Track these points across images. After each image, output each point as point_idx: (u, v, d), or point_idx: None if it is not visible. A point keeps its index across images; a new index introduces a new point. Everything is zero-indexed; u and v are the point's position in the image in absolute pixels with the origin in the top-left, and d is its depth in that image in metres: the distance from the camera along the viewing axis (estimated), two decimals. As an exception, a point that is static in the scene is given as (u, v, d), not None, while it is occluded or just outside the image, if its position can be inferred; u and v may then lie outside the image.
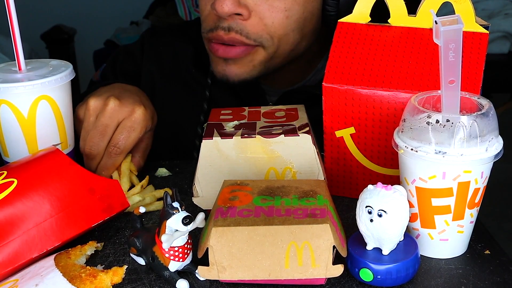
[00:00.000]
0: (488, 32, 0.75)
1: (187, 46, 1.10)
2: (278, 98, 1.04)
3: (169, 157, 0.97)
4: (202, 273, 0.62)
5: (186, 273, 0.65)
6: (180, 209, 0.61)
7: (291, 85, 1.07)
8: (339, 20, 0.80)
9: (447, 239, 0.67)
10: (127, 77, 1.11)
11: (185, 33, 1.14)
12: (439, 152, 0.62)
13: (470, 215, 0.66)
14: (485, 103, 0.65)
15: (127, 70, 1.12)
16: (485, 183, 0.66)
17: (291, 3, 0.92)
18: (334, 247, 0.60)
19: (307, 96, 0.96)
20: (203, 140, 0.74)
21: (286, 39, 0.94)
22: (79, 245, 0.68)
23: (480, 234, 0.71)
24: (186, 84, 1.09)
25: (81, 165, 0.72)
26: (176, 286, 0.63)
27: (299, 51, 0.99)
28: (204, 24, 0.97)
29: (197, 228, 0.62)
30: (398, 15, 0.78)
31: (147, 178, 0.84)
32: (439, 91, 0.65)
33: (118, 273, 0.64)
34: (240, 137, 0.74)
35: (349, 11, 0.88)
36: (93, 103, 0.85)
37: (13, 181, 0.67)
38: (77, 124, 0.87)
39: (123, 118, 0.84)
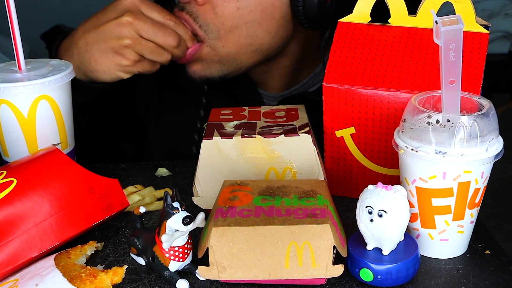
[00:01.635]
0: (488, 32, 0.75)
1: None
2: (277, 103, 1.04)
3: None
4: (202, 273, 0.62)
5: (186, 273, 0.65)
6: (180, 209, 0.61)
7: (288, 88, 1.06)
8: (339, 20, 0.80)
9: (447, 239, 0.67)
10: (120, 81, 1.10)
11: None
12: (440, 152, 0.62)
13: (470, 215, 0.66)
14: (486, 103, 0.65)
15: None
16: (486, 183, 0.66)
17: None
18: (334, 247, 0.60)
19: (306, 102, 0.96)
20: (203, 140, 0.74)
21: (238, 31, 0.93)
22: (79, 245, 0.68)
23: (480, 234, 0.71)
24: (182, 91, 1.08)
25: (81, 164, 0.72)
26: (176, 286, 0.63)
27: (270, 48, 0.97)
28: None
29: (197, 228, 0.62)
30: (399, 15, 0.78)
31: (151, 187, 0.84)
32: (440, 91, 0.65)
33: (118, 273, 0.64)
34: (240, 137, 0.74)
35: (316, 8, 0.87)
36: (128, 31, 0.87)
37: (12, 181, 0.67)
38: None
39: (137, 12, 0.87)
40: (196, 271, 0.64)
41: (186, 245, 0.63)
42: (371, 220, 0.60)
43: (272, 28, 0.95)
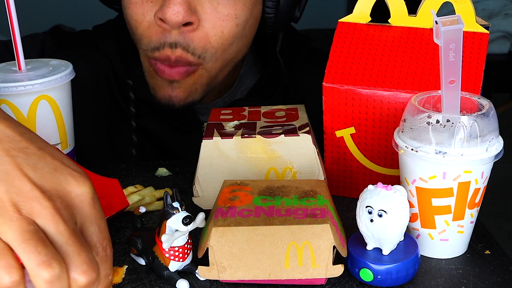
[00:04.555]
0: (488, 32, 0.75)
1: (104, 65, 0.96)
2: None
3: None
4: (202, 273, 0.62)
5: (186, 273, 0.65)
6: (180, 209, 0.61)
7: (219, 96, 0.99)
8: (339, 20, 0.80)
9: (447, 239, 0.67)
10: None
11: (96, 46, 0.98)
12: (440, 152, 0.62)
13: (470, 215, 0.66)
14: (486, 103, 0.65)
15: None
16: (486, 183, 0.66)
17: (241, 8, 0.84)
18: (334, 247, 0.60)
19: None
20: (203, 140, 0.74)
21: (230, 49, 0.86)
22: (79, 245, 0.68)
23: (480, 234, 0.71)
24: (110, 115, 0.98)
25: (80, 165, 0.72)
26: (176, 286, 0.63)
27: (238, 59, 0.92)
28: (145, 40, 0.86)
29: (197, 228, 0.62)
30: (399, 15, 0.78)
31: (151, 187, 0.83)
32: (440, 91, 0.65)
33: (118, 273, 0.64)
34: (240, 137, 0.74)
35: (288, 14, 0.86)
36: None
37: (13, 181, 0.67)
38: None
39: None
40: (196, 271, 0.64)
41: (186, 245, 0.63)
42: (371, 220, 0.60)
43: (250, 39, 0.90)
